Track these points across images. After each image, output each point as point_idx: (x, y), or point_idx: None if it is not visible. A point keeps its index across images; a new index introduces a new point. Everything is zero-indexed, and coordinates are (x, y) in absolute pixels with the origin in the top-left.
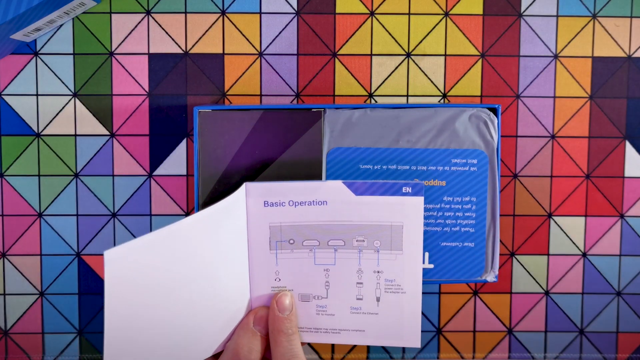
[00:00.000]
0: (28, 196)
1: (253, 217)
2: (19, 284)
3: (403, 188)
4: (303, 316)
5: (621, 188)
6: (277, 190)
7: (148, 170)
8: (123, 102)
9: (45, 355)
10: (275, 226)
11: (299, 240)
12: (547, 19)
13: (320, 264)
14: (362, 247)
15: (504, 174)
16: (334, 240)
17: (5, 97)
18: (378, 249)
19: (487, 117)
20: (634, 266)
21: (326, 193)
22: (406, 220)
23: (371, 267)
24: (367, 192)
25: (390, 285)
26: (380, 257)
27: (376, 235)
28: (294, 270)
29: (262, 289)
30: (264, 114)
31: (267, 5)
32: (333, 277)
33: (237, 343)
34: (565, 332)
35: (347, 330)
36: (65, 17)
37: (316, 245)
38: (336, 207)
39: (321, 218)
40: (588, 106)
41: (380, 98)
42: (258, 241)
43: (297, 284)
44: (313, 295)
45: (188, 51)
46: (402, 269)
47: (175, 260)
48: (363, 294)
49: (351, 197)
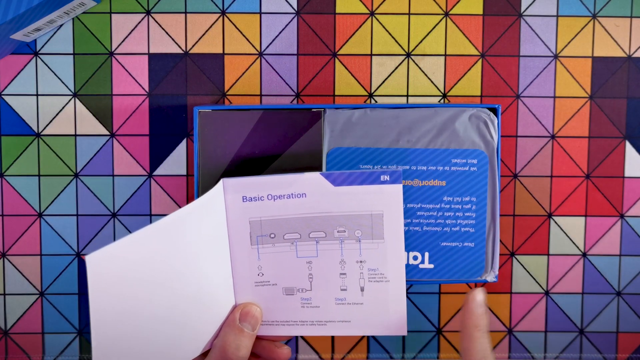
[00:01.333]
0: (28, 196)
1: (232, 213)
2: (19, 284)
3: (381, 176)
4: (288, 310)
5: (621, 188)
6: (255, 185)
7: (148, 170)
8: (123, 102)
9: (45, 355)
10: (255, 221)
11: (280, 234)
12: (547, 19)
13: (303, 257)
14: (344, 237)
15: (504, 174)
16: (315, 233)
17: (5, 97)
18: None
19: (487, 117)
20: (634, 266)
21: (304, 185)
22: (386, 208)
23: (354, 257)
24: (345, 183)
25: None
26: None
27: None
28: (277, 265)
29: (245, 284)
30: (264, 114)
31: (267, 5)
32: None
33: (224, 340)
34: (565, 332)
35: (333, 321)
36: (65, 17)
37: (297, 239)
38: (315, 199)
39: (301, 211)
40: (588, 106)
41: (380, 98)
42: (239, 237)
43: (280, 278)
44: (297, 289)
45: (188, 51)
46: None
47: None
48: (347, 284)
49: (330, 188)
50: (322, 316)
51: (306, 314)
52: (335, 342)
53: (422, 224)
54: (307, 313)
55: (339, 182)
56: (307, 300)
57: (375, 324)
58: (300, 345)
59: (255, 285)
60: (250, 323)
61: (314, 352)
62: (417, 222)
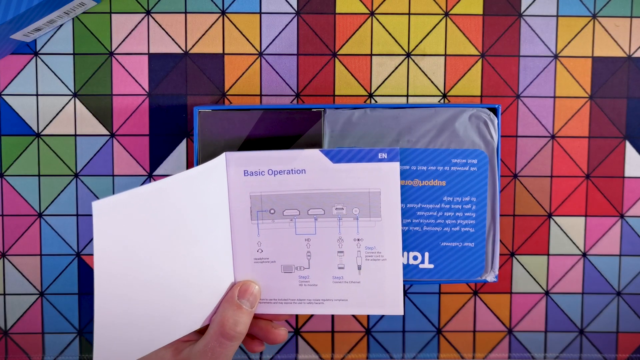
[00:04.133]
0: (28, 196)
1: (234, 187)
2: (19, 284)
3: (379, 154)
4: (286, 288)
5: (621, 188)
6: (256, 159)
7: (148, 170)
8: (123, 102)
9: (45, 355)
10: (256, 196)
11: (280, 209)
12: (547, 19)
13: (301, 233)
14: (342, 215)
15: (504, 174)
16: (313, 210)
17: (5, 97)
18: (357, 217)
19: (487, 117)
20: (634, 266)
21: (304, 161)
22: (383, 186)
23: (351, 235)
24: (343, 160)
25: (370, 253)
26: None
27: (355, 202)
28: (276, 241)
29: (245, 260)
30: (264, 114)
31: (267, 5)
32: (314, 246)
33: (223, 316)
34: (565, 332)
35: (330, 300)
36: (65, 17)
37: (296, 215)
38: (314, 175)
39: (300, 187)
40: (588, 106)
41: (380, 98)
42: (239, 211)
43: (279, 254)
44: (295, 266)
45: (188, 51)
46: (382, 236)
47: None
48: (344, 262)
49: (328, 164)
50: (320, 295)
51: (304, 292)
52: (335, 342)
53: (422, 224)
54: (304, 291)
55: (338, 159)
56: (305, 278)
57: (372, 302)
58: (300, 345)
59: (254, 261)
60: (249, 300)
61: (314, 352)
62: (417, 222)
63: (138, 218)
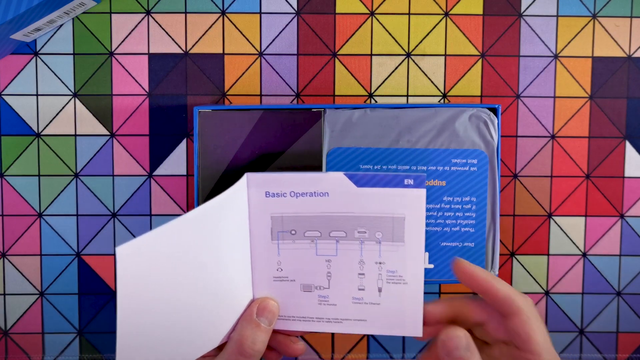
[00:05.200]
0: (28, 196)
1: (254, 208)
2: (19, 284)
3: (405, 180)
4: (305, 306)
5: (621, 188)
6: (278, 181)
7: (148, 170)
8: (123, 102)
9: (45, 355)
10: (277, 217)
11: (301, 231)
12: (547, 19)
13: (322, 254)
14: (364, 238)
15: (504, 174)
16: (335, 232)
17: (5, 97)
18: (380, 241)
19: (487, 117)
20: (634, 266)
21: (328, 184)
22: (408, 212)
23: (373, 258)
24: (368, 184)
25: (392, 276)
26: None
27: (378, 226)
28: (296, 261)
29: (264, 279)
30: (264, 114)
31: (267, 5)
32: (335, 267)
33: (241, 334)
34: (565, 332)
35: (349, 319)
36: (65, 17)
37: (318, 237)
38: (337, 198)
39: (322, 209)
40: (588, 106)
41: (380, 98)
42: (260, 231)
43: (298, 274)
44: (315, 286)
45: (188, 51)
46: (404, 260)
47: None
48: (365, 284)
49: (352, 188)
50: (339, 314)
51: (323, 311)
52: (336, 342)
53: None
54: (323, 310)
55: (362, 183)
56: (325, 297)
57: (391, 324)
58: None
59: (273, 280)
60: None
61: (314, 352)
62: None
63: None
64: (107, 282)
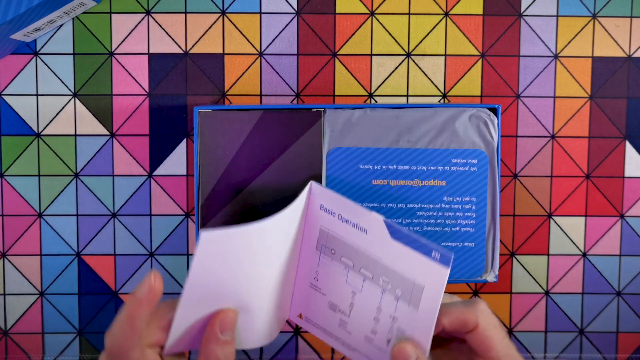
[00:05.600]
0: (28, 196)
1: (311, 214)
2: (19, 284)
3: (432, 252)
4: (329, 322)
5: (621, 188)
6: (333, 199)
7: (148, 170)
8: (123, 102)
9: (45, 355)
10: (325, 231)
11: (339, 254)
12: (547, 19)
13: (350, 284)
14: (386, 288)
15: (504, 174)
16: (365, 270)
17: (5, 97)
18: (398, 297)
19: (487, 117)
20: (634, 266)
21: (368, 222)
22: (428, 284)
23: (389, 310)
24: (402, 240)
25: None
26: (398, 305)
27: (400, 284)
28: (329, 278)
29: (304, 281)
30: (264, 114)
31: (267, 5)
32: (357, 301)
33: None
34: (565, 332)
35: (359, 352)
36: (65, 17)
37: (350, 267)
38: (374, 240)
39: (359, 244)
40: (588, 106)
41: (380, 98)
42: (309, 237)
43: (329, 291)
44: (339, 308)
45: (188, 51)
46: (415, 325)
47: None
48: (377, 330)
49: (387, 237)
50: (353, 342)
51: (341, 333)
52: None
53: (422, 224)
54: (342, 333)
55: (397, 237)
56: (344, 323)
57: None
58: (301, 345)
59: (310, 285)
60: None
61: (314, 352)
62: (417, 222)
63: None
64: (107, 282)
